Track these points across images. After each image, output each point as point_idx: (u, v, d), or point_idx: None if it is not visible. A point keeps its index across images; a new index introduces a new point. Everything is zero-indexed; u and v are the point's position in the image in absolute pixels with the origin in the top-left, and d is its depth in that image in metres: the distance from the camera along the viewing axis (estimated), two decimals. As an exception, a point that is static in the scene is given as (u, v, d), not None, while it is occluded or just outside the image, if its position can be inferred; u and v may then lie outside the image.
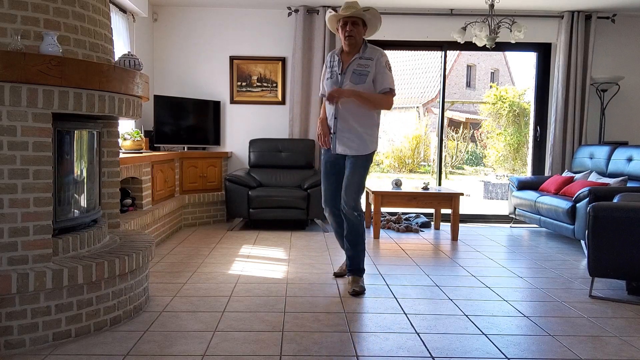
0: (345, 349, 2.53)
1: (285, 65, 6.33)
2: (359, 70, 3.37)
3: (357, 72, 3.36)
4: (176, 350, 2.46)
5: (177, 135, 5.97)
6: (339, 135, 3.44)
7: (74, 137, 2.81)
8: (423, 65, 21.35)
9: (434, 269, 4.12)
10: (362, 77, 3.35)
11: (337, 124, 3.44)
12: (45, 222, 2.49)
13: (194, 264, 4.12)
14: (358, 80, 3.35)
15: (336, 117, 3.43)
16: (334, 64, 3.46)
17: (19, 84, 2.34)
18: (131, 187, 4.51)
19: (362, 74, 3.36)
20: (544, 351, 2.55)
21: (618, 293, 3.54)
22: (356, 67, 3.37)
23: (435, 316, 3.02)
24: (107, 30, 3.02)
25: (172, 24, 6.28)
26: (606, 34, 6.30)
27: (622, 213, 3.29)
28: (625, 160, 5.34)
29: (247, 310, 3.03)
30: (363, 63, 3.38)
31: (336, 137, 3.45)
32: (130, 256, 2.80)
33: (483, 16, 5.45)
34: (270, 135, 6.37)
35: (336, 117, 3.43)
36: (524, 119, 14.01)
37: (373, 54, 3.42)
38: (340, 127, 3.43)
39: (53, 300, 2.47)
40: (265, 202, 5.51)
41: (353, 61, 3.39)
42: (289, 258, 4.38)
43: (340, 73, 3.40)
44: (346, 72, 3.38)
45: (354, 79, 3.36)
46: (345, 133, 3.43)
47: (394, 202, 5.40)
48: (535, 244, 5.31)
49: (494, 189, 11.46)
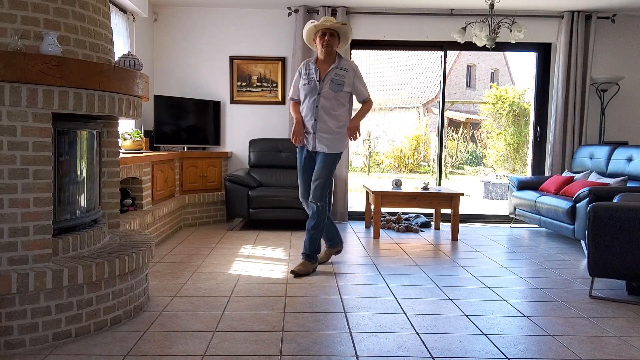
0: (345, 349, 2.53)
1: (285, 65, 6.34)
2: (336, 79, 3.81)
3: (335, 81, 3.81)
4: (176, 350, 2.46)
5: (177, 135, 5.97)
6: (318, 135, 3.84)
7: (74, 137, 2.81)
8: (423, 65, 21.35)
9: (434, 269, 4.12)
10: (339, 85, 3.81)
11: (316, 125, 3.83)
12: (45, 222, 2.49)
13: (194, 264, 4.12)
14: (336, 89, 3.81)
15: (316, 119, 3.82)
16: (310, 71, 3.86)
17: (19, 84, 2.34)
18: (131, 187, 4.51)
19: (339, 83, 3.81)
20: (544, 351, 2.55)
21: (618, 293, 3.54)
22: (334, 77, 3.81)
23: (435, 316, 3.02)
24: (107, 30, 3.02)
25: (172, 24, 6.28)
26: (606, 34, 6.30)
27: (622, 213, 3.29)
28: (625, 160, 5.34)
29: (247, 310, 3.03)
30: (340, 73, 3.83)
31: (315, 137, 3.84)
32: (130, 256, 2.80)
33: (483, 16, 5.45)
34: (270, 135, 6.37)
35: (316, 119, 3.82)
36: (524, 119, 14.01)
37: (347, 65, 3.87)
38: (319, 127, 3.83)
39: (53, 300, 2.47)
40: (265, 202, 5.51)
41: (330, 70, 3.82)
42: (289, 258, 4.38)
43: (318, 80, 3.81)
44: (325, 79, 3.80)
45: (332, 87, 3.80)
46: (323, 133, 3.84)
47: (394, 202, 5.40)
48: (535, 244, 5.31)
49: (494, 189, 11.46)
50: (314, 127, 3.84)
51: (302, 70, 3.92)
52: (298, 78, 3.95)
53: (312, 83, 3.83)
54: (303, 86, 3.88)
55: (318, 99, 3.81)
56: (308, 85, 3.85)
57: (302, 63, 3.97)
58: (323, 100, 3.80)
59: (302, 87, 3.88)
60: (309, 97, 3.84)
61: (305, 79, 3.87)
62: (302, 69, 3.93)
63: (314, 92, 3.82)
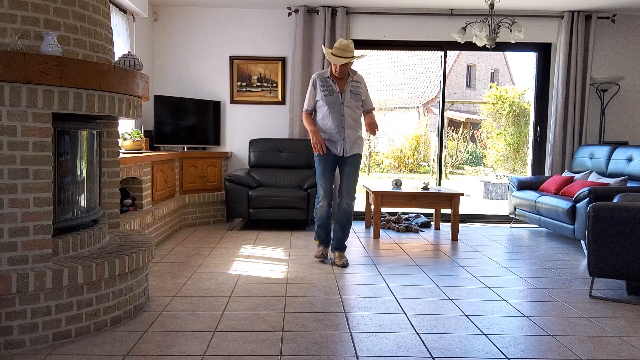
0: (345, 349, 2.53)
1: (285, 65, 6.34)
2: (354, 90, 4.20)
3: (353, 92, 4.20)
4: (176, 350, 2.46)
5: (177, 135, 5.97)
6: (347, 140, 4.18)
7: (74, 137, 2.81)
8: (423, 65, 21.34)
9: (434, 269, 4.12)
10: (358, 96, 4.22)
11: (344, 132, 4.17)
12: (45, 222, 2.49)
13: (194, 264, 4.12)
14: (356, 99, 4.21)
15: (343, 126, 4.17)
16: (329, 84, 4.17)
17: (19, 84, 2.34)
18: (131, 187, 4.51)
19: (357, 93, 4.22)
20: (544, 351, 2.55)
21: (618, 293, 3.54)
22: (352, 88, 4.20)
23: (435, 316, 3.02)
24: (107, 30, 3.02)
25: (172, 24, 6.28)
26: (606, 34, 6.30)
27: (622, 213, 3.29)
28: (625, 160, 5.34)
29: (247, 310, 3.03)
30: (355, 85, 4.22)
31: (345, 142, 4.18)
32: (130, 256, 2.80)
33: (483, 16, 5.45)
34: (270, 135, 6.37)
35: (343, 126, 4.17)
36: (524, 119, 14.01)
37: (359, 78, 4.28)
38: (347, 134, 4.18)
39: (53, 300, 2.47)
40: (265, 202, 5.51)
41: (348, 83, 4.19)
42: (289, 258, 4.38)
43: (338, 92, 4.16)
44: (345, 91, 4.17)
45: (353, 97, 4.19)
46: (351, 137, 4.21)
47: (394, 202, 5.40)
48: (535, 244, 5.31)
49: (494, 189, 11.46)
50: (341, 134, 4.16)
51: (317, 83, 4.20)
52: (313, 91, 4.22)
53: (335, 95, 4.16)
54: (324, 97, 4.16)
55: (342, 109, 4.16)
56: (330, 96, 4.15)
57: (315, 76, 4.24)
58: (347, 109, 4.17)
59: (323, 99, 4.16)
60: (332, 107, 4.15)
61: (325, 91, 4.16)
62: (316, 82, 4.21)
63: (337, 103, 4.16)
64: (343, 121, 4.16)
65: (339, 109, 4.16)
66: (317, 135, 4.18)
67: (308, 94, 4.27)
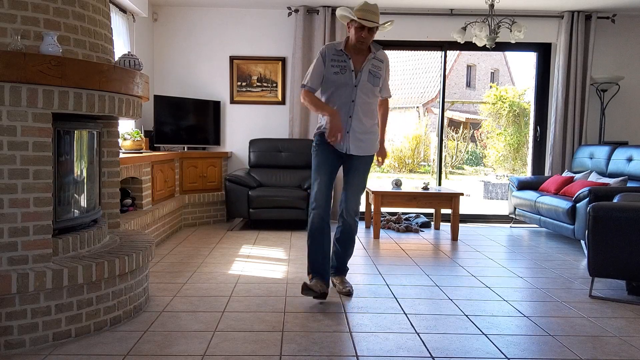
0: (345, 349, 2.53)
1: (285, 65, 6.33)
2: (374, 71, 3.26)
3: (372, 73, 3.25)
4: (176, 350, 2.46)
5: (177, 135, 5.97)
6: (352, 135, 3.25)
7: (74, 137, 2.81)
8: (423, 65, 21.35)
9: (434, 269, 4.12)
10: (377, 79, 3.28)
11: (350, 122, 3.24)
12: (45, 222, 2.49)
13: (194, 264, 4.12)
14: (374, 82, 3.26)
15: (350, 115, 3.23)
16: (342, 59, 3.23)
17: (19, 84, 2.34)
18: (131, 187, 4.51)
19: (376, 75, 3.27)
20: (544, 351, 2.55)
21: (618, 293, 3.54)
22: (372, 68, 3.26)
23: (435, 316, 3.02)
24: (107, 30, 3.02)
25: (172, 24, 6.28)
26: (606, 34, 6.29)
27: (622, 213, 3.29)
28: (625, 160, 5.34)
29: (247, 310, 3.03)
30: (376, 64, 3.29)
31: (349, 137, 3.24)
32: (130, 256, 2.80)
33: (483, 16, 5.45)
34: (270, 135, 6.37)
35: (350, 115, 3.23)
36: (524, 119, 14.01)
37: (383, 56, 3.36)
38: (354, 126, 3.24)
39: (53, 300, 2.47)
40: (265, 202, 5.51)
41: (368, 61, 3.25)
42: (289, 258, 4.38)
43: (353, 70, 3.22)
44: (362, 70, 3.23)
45: (370, 80, 3.24)
46: (359, 133, 3.27)
47: (394, 202, 5.40)
48: (535, 244, 5.31)
49: (494, 189, 11.46)
50: (347, 125, 3.22)
51: (327, 55, 3.24)
52: (321, 64, 3.24)
53: (348, 73, 3.21)
54: (333, 75, 3.20)
55: (355, 92, 3.21)
56: (341, 74, 3.19)
57: (326, 47, 3.30)
58: (360, 93, 3.22)
59: (332, 76, 3.21)
60: (341, 90, 3.21)
61: (335, 66, 3.21)
62: (326, 53, 3.25)
63: (349, 84, 3.20)
64: (352, 109, 3.21)
65: (349, 93, 3.21)
66: (336, 118, 3.10)
67: (312, 69, 3.27)
